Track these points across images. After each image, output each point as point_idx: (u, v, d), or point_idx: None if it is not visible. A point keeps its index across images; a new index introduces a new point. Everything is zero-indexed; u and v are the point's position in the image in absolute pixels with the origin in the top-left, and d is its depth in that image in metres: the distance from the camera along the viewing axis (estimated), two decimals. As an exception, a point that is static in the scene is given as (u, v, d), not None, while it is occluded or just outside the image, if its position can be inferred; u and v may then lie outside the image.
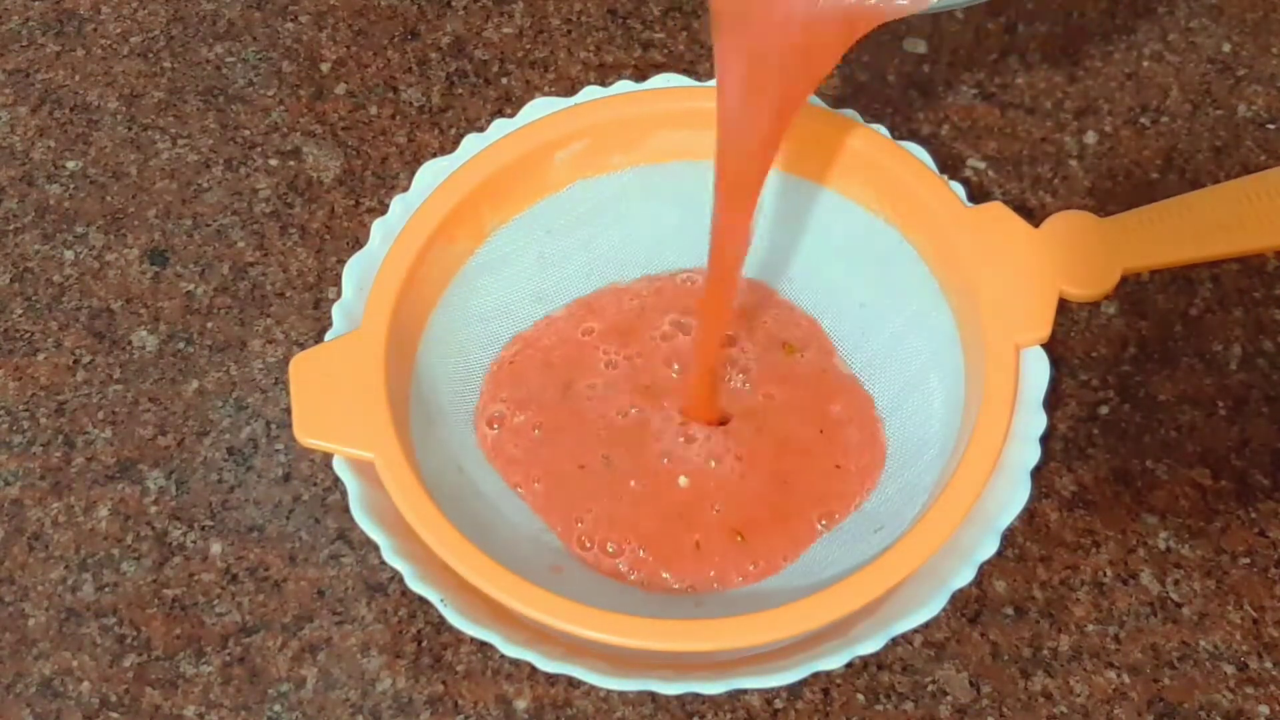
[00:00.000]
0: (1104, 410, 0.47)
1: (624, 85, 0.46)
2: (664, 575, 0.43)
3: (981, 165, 0.51)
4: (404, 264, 0.43)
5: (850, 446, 0.45)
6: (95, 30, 0.55)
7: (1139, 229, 0.43)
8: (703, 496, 0.44)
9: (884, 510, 0.43)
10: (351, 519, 0.40)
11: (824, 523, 0.43)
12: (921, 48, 0.54)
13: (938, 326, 0.44)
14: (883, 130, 0.45)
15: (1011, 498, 0.39)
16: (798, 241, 0.47)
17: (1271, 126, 0.52)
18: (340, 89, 0.53)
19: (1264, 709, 0.42)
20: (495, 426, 0.45)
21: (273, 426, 0.47)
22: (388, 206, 0.44)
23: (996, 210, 0.43)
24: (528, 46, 0.54)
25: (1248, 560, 0.44)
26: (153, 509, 0.45)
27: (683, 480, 0.44)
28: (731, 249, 0.41)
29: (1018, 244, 0.43)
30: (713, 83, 0.46)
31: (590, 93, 0.46)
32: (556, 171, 0.46)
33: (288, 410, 0.44)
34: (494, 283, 0.46)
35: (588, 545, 0.43)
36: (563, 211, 0.46)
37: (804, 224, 0.47)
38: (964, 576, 0.39)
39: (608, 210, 0.47)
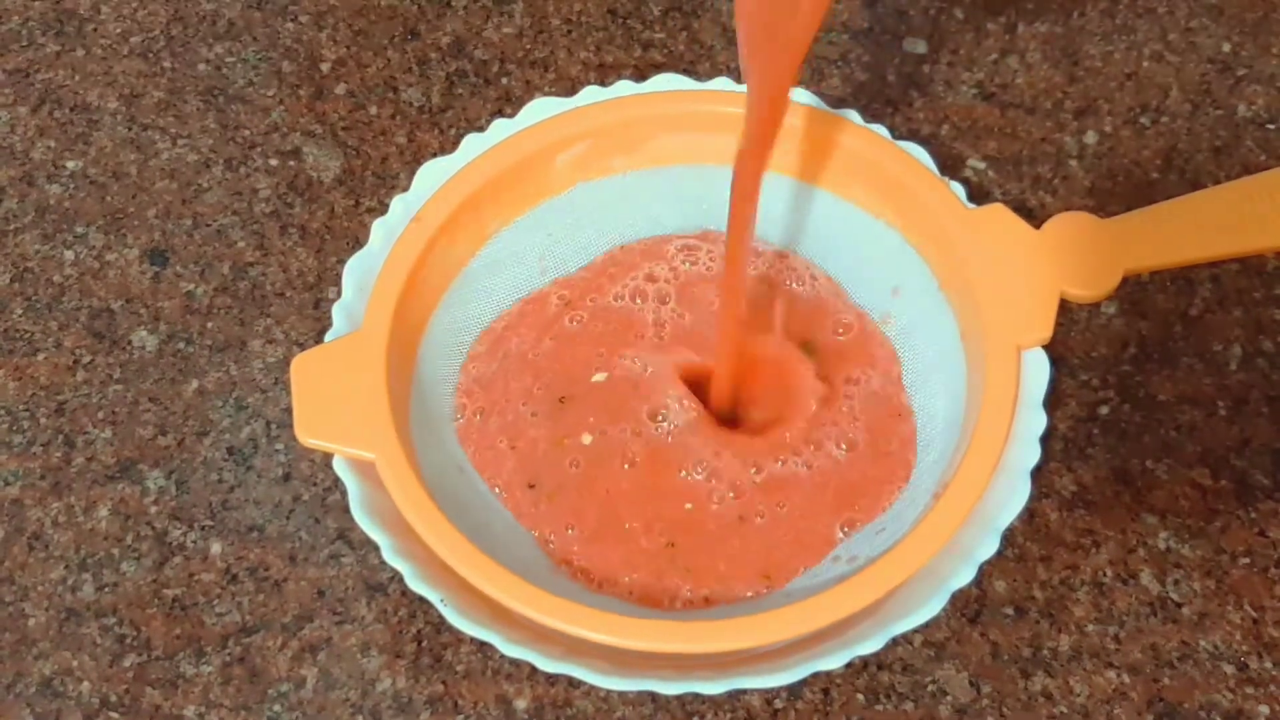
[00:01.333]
0: (1104, 410, 0.47)
1: (624, 85, 0.46)
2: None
3: (981, 165, 0.51)
4: (405, 265, 0.43)
5: (910, 442, 0.44)
6: (95, 30, 0.55)
7: (1140, 230, 0.43)
8: (718, 528, 0.43)
9: (887, 511, 0.43)
10: (351, 519, 0.40)
11: (845, 530, 0.43)
12: (921, 48, 0.54)
13: (940, 328, 0.44)
14: (883, 130, 0.45)
15: (1011, 498, 0.39)
16: (800, 246, 0.47)
17: (1271, 126, 0.52)
18: (340, 89, 0.53)
19: (1264, 709, 0.42)
20: (460, 416, 0.45)
21: (273, 426, 0.47)
22: (388, 206, 0.44)
23: (998, 212, 0.43)
24: (528, 46, 0.54)
25: (1248, 560, 0.44)
26: (153, 509, 0.45)
27: (690, 504, 0.43)
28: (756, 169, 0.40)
29: (1019, 245, 0.43)
30: (713, 83, 0.46)
31: (590, 93, 0.46)
32: (558, 174, 0.46)
33: (288, 410, 0.44)
34: (495, 285, 0.46)
35: (568, 567, 0.42)
36: (564, 214, 0.46)
37: (805, 228, 0.47)
38: (964, 576, 0.39)
39: (609, 213, 0.47)
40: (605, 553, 0.42)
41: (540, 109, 0.46)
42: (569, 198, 0.46)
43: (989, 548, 0.39)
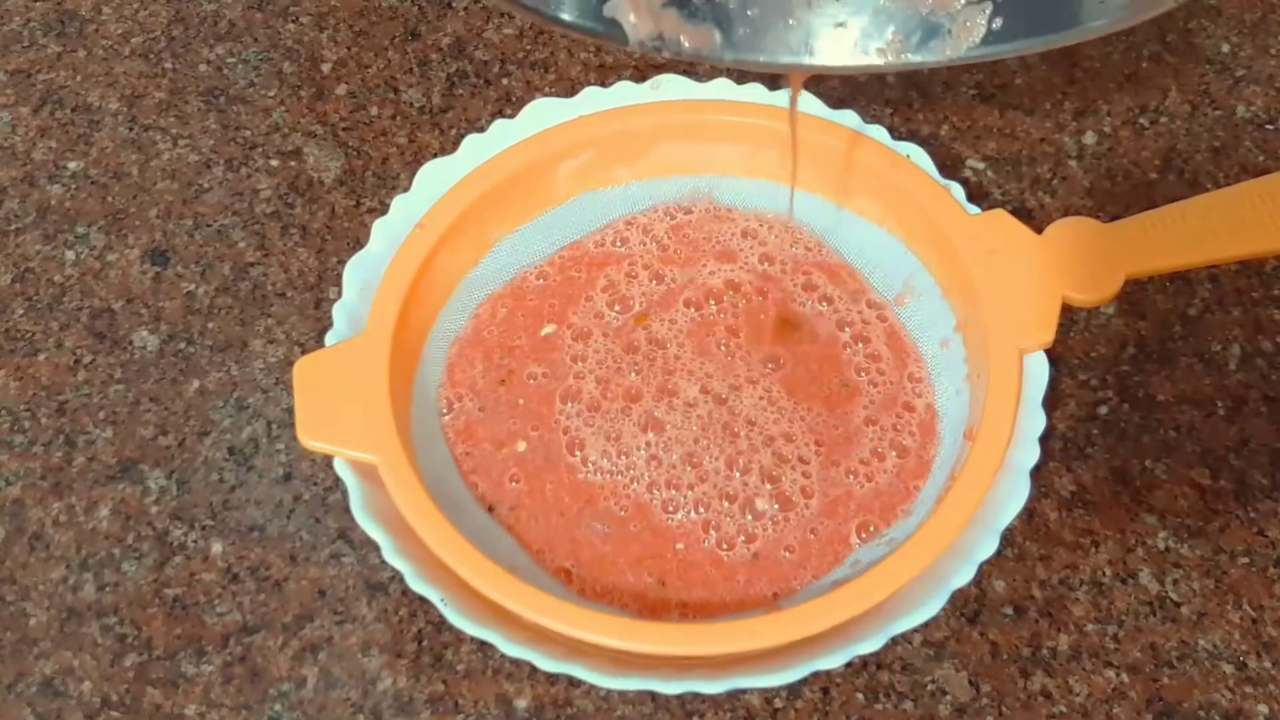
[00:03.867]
0: (1103, 410, 0.47)
1: (624, 86, 0.46)
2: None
3: (981, 165, 0.51)
4: (409, 271, 0.43)
5: (927, 445, 0.43)
6: (96, 31, 0.55)
7: (1141, 234, 0.43)
8: (719, 566, 0.42)
9: (899, 517, 0.43)
10: (352, 518, 0.40)
11: (862, 536, 0.42)
12: (921, 48, 0.54)
13: (943, 333, 0.44)
14: (882, 131, 0.45)
15: (1011, 497, 0.40)
16: (802, 254, 0.47)
17: (1270, 127, 0.52)
18: (341, 89, 0.53)
19: (1263, 708, 0.42)
20: (447, 411, 0.44)
21: (273, 426, 0.47)
22: (388, 207, 0.45)
23: (999, 218, 0.43)
24: (528, 47, 0.54)
25: (1246, 560, 0.44)
26: (153, 509, 0.46)
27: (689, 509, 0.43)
28: None
29: (1021, 250, 0.43)
30: (713, 84, 0.46)
31: (591, 94, 0.46)
32: (561, 183, 0.46)
33: (289, 410, 0.44)
34: (496, 290, 0.46)
35: (564, 576, 0.42)
36: (567, 223, 0.46)
37: (805, 236, 0.47)
38: (964, 576, 0.39)
39: (611, 223, 0.47)
40: (594, 577, 0.42)
41: (541, 110, 0.46)
42: (572, 207, 0.46)
43: (989, 547, 0.39)
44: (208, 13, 0.55)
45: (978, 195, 0.50)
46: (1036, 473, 0.40)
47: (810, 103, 0.46)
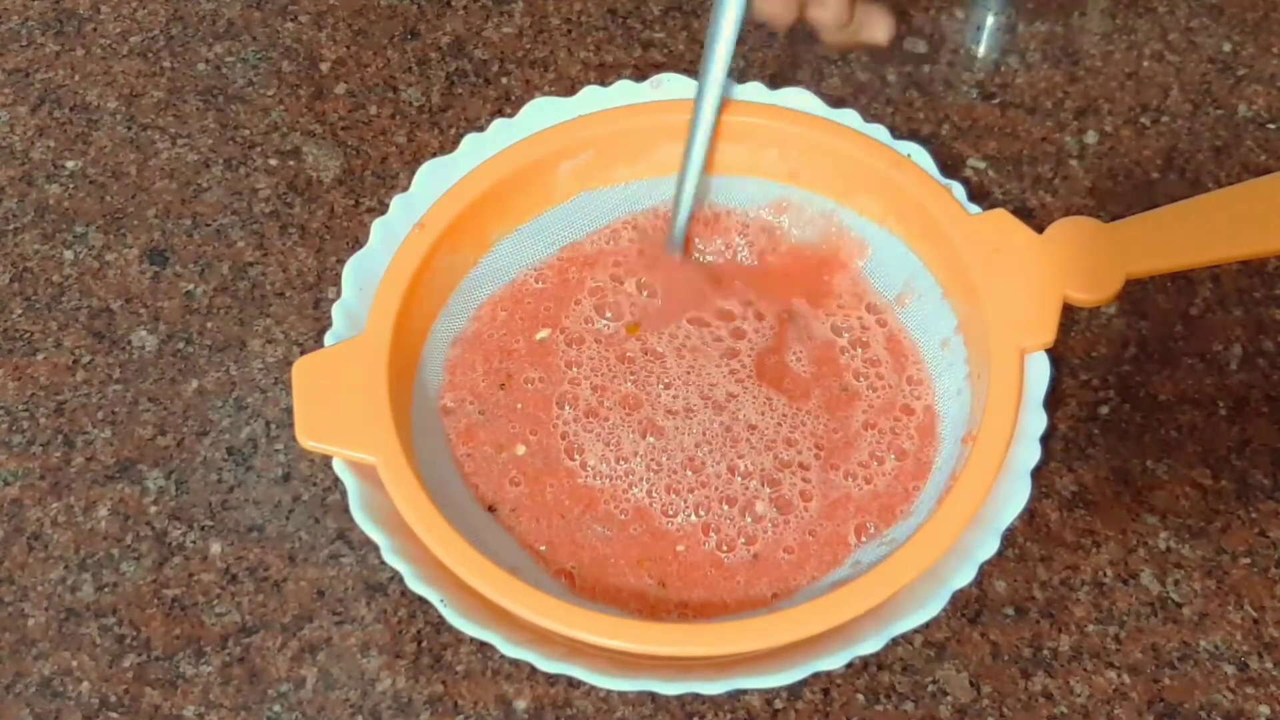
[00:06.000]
0: (1104, 410, 0.47)
1: (624, 85, 0.46)
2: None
3: (982, 165, 0.51)
4: (408, 271, 0.43)
5: (926, 446, 0.43)
6: (95, 30, 0.55)
7: (1142, 234, 0.43)
8: (720, 567, 0.42)
9: (899, 518, 0.43)
10: (351, 519, 0.40)
11: (863, 538, 0.42)
12: (921, 48, 0.54)
13: (943, 333, 0.44)
14: (883, 130, 0.45)
15: (1012, 497, 0.39)
16: (803, 255, 0.47)
17: (1272, 126, 0.52)
18: (340, 89, 0.53)
19: (1264, 709, 0.42)
20: (448, 413, 0.44)
21: (272, 426, 0.47)
22: (387, 206, 0.44)
23: (1000, 217, 0.43)
24: (528, 46, 0.54)
25: (1248, 560, 0.44)
26: (152, 509, 0.45)
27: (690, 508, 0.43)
28: None
29: (1022, 250, 0.43)
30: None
31: (590, 92, 0.46)
32: (561, 183, 0.46)
33: (287, 410, 0.44)
34: (497, 292, 0.46)
35: (566, 578, 0.42)
36: (567, 223, 0.46)
37: (806, 236, 0.47)
38: (964, 576, 0.39)
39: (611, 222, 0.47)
40: (594, 578, 0.42)
41: (540, 109, 0.46)
42: (572, 206, 0.46)
43: (989, 548, 0.39)
44: (206, 12, 0.55)
45: (979, 194, 0.50)
46: (1037, 473, 0.40)
47: (810, 102, 0.46)
